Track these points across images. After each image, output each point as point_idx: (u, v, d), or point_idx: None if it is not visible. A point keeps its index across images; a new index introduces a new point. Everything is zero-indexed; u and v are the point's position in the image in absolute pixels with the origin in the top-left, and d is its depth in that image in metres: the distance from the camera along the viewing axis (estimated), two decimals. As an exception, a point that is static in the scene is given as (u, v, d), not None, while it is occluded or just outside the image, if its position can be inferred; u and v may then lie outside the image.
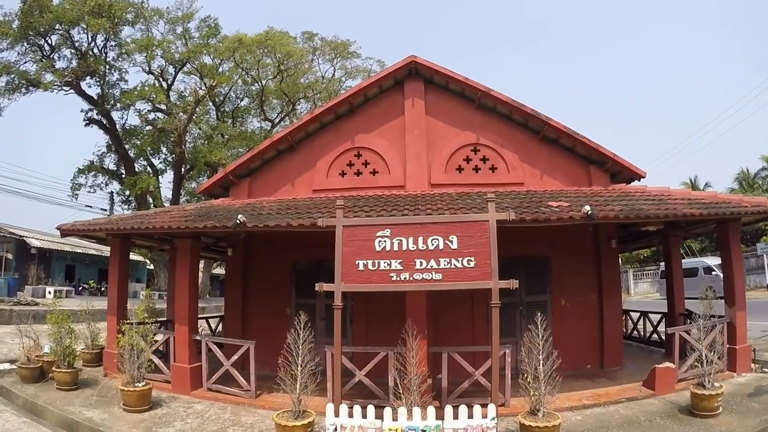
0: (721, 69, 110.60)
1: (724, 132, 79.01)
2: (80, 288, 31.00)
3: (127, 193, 27.87)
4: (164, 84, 28.30)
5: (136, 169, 27.56)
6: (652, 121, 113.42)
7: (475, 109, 10.41)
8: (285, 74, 29.15)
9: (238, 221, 7.75)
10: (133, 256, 36.10)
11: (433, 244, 6.62)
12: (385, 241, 6.68)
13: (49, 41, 24.87)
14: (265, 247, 10.56)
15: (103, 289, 28.98)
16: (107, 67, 26.37)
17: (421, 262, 6.60)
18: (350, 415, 6.17)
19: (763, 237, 31.71)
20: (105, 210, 31.33)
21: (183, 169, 27.94)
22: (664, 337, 11.49)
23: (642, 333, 12.88)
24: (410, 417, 6.03)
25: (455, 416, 6.03)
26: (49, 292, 23.74)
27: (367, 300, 9.47)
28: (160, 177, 28.57)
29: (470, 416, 6.02)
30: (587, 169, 10.27)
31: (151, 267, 32.64)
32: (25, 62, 24.63)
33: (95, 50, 25.91)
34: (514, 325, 9.54)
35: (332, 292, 6.73)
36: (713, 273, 24.82)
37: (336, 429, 6.12)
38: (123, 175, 27.43)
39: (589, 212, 7.25)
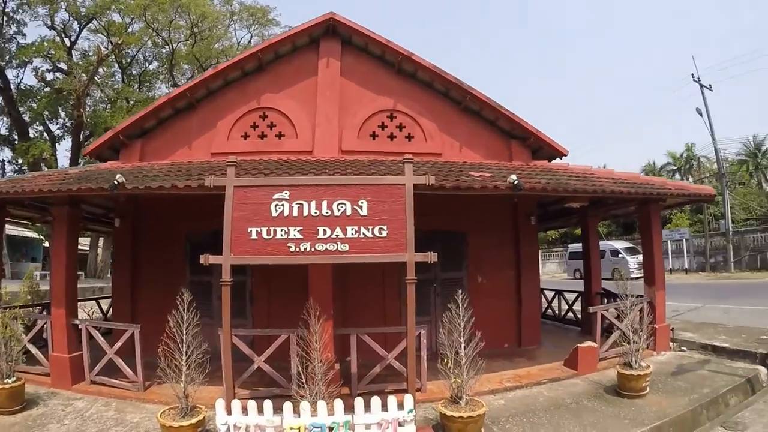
0: (638, 62, 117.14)
1: (632, 127, 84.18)
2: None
3: (20, 161, 25.16)
4: (67, 41, 25.67)
5: (31, 135, 24.91)
6: (564, 113, 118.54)
7: (395, 74, 9.69)
8: (198, 38, 27.28)
9: (116, 182, 6.62)
10: (27, 233, 33.08)
11: (339, 210, 5.77)
12: (282, 204, 5.76)
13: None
14: (157, 217, 9.39)
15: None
16: (4, 18, 23.57)
17: (324, 230, 5.73)
18: (245, 411, 5.33)
19: (667, 224, 33.88)
20: (-7, 180, 28.21)
21: (82, 136, 25.42)
22: (579, 316, 11.49)
23: (557, 311, 12.89)
24: (315, 412, 5.20)
25: (367, 408, 5.31)
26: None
27: (269, 275, 8.60)
28: (57, 144, 26.09)
29: (384, 407, 5.28)
30: (508, 144, 9.90)
31: (47, 245, 29.89)
32: None
33: (-9, -1, 23.04)
34: (429, 304, 9.04)
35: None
36: (619, 255, 27.35)
37: (228, 429, 5.23)
38: (15, 141, 24.73)
39: (516, 182, 6.77)
